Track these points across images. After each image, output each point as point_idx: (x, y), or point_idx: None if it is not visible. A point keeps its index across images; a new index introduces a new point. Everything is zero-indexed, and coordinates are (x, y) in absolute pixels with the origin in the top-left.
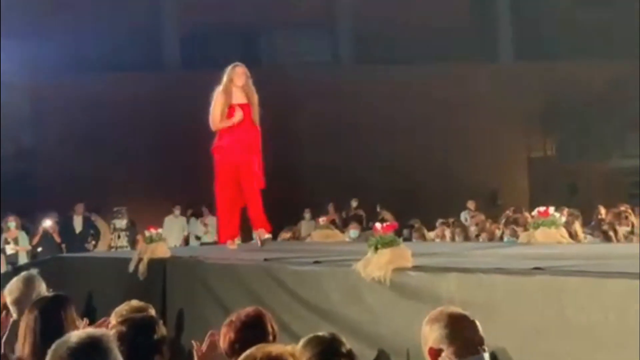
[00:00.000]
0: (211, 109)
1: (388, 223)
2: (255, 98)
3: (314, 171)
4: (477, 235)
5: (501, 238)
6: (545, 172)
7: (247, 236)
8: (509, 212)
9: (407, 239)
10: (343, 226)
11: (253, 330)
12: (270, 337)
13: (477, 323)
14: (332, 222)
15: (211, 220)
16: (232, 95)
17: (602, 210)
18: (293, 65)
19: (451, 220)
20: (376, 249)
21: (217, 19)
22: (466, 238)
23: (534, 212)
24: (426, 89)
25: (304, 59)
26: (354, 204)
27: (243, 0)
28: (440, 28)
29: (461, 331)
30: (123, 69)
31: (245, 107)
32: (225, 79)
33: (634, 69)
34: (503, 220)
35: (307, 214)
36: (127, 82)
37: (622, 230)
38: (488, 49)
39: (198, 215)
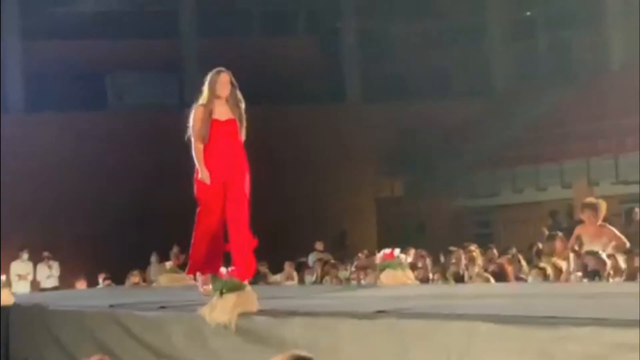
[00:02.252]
0: (190, 125)
1: (234, 268)
2: (242, 110)
3: (160, 213)
4: (322, 278)
5: (348, 280)
6: (393, 212)
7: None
8: (361, 255)
9: (253, 282)
10: None
11: None
12: None
13: None
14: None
15: (55, 264)
16: (214, 109)
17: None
18: (139, 107)
19: (300, 261)
20: (222, 293)
21: (63, 60)
22: (315, 280)
23: (380, 254)
24: (274, 129)
25: (150, 101)
26: None
27: (89, 42)
28: (288, 69)
29: None
30: None
31: (230, 124)
32: (206, 89)
33: (480, 110)
34: (355, 264)
35: (153, 258)
36: None
37: (470, 270)
38: (337, 89)
39: (41, 259)
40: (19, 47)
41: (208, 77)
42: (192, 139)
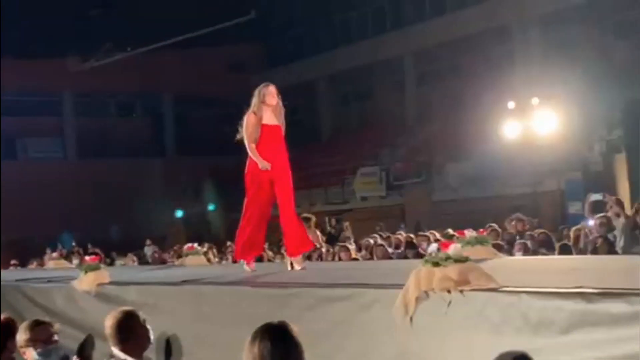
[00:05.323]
0: (243, 130)
1: (94, 256)
2: (283, 119)
3: (49, 222)
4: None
5: (166, 262)
6: (198, 221)
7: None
8: (176, 247)
9: (111, 264)
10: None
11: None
12: (11, 337)
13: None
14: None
15: None
16: (262, 116)
17: (228, 244)
18: (37, 159)
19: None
20: (86, 272)
21: None
22: (146, 263)
23: (186, 246)
24: (131, 173)
25: (44, 155)
26: (74, 243)
27: (7, 118)
28: (132, 139)
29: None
30: None
31: (276, 129)
32: (255, 99)
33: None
34: (171, 252)
35: (48, 250)
36: None
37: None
38: (160, 148)
39: None
40: None
41: (258, 89)
42: (245, 141)
